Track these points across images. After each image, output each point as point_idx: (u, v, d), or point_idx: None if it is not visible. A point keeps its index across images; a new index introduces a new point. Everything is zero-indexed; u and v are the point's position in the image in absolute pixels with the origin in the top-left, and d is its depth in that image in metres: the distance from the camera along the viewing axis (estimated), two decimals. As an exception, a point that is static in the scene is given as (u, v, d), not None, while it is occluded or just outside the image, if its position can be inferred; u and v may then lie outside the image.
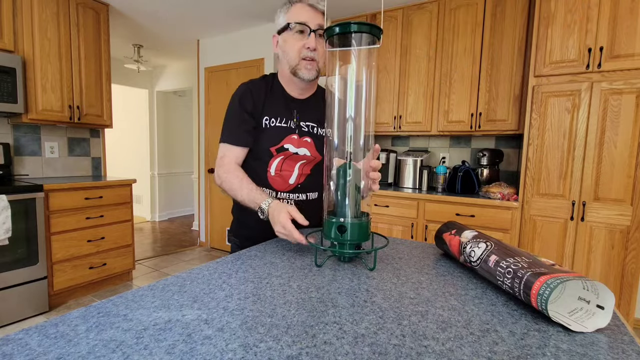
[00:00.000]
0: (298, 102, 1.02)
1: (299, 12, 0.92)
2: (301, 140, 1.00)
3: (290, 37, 0.94)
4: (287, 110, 1.00)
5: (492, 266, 0.61)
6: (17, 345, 0.41)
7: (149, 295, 0.56)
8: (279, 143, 0.99)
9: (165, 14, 3.07)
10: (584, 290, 0.50)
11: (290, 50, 0.94)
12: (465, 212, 2.29)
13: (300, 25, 0.91)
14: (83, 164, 2.97)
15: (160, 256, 3.57)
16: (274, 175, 1.00)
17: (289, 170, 1.00)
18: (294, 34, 0.93)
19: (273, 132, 0.98)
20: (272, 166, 1.00)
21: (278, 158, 0.99)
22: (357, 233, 0.73)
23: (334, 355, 0.41)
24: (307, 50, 0.92)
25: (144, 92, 4.98)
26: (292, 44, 0.94)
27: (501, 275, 0.58)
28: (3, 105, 2.15)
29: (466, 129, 2.53)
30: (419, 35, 2.66)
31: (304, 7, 0.92)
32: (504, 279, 0.58)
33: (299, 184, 1.02)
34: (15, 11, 2.26)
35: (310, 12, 0.92)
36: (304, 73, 0.94)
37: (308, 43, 0.92)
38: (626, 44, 1.85)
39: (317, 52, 0.93)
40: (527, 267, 0.54)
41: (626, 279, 1.91)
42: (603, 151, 1.93)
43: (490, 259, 0.63)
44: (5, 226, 1.94)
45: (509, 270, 0.57)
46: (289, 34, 0.94)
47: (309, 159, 1.02)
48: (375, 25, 0.70)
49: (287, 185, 1.01)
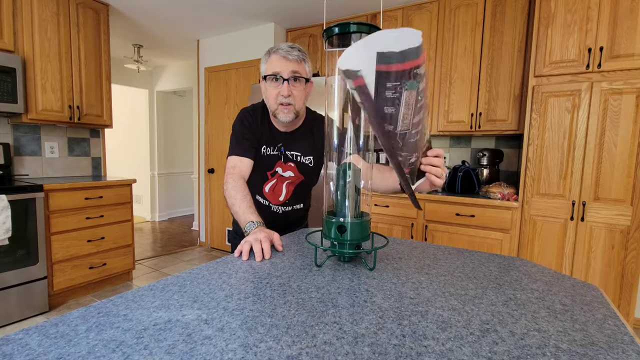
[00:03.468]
0: (284, 135, 1.17)
1: (273, 62, 1.04)
2: (286, 165, 1.18)
3: (269, 86, 1.07)
4: (274, 142, 1.16)
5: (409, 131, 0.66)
6: (17, 345, 0.41)
7: (149, 295, 0.56)
8: (272, 168, 1.17)
9: (165, 14, 3.07)
10: None
11: (269, 97, 1.08)
12: (465, 212, 2.29)
13: (273, 75, 1.04)
14: (83, 164, 2.97)
15: (160, 256, 3.57)
16: (268, 192, 1.20)
17: (280, 190, 1.20)
18: (271, 82, 1.06)
19: (268, 159, 1.16)
20: (267, 186, 1.19)
21: (273, 181, 1.19)
22: (357, 233, 0.73)
23: (334, 355, 0.41)
24: (282, 97, 1.04)
25: (144, 92, 4.98)
26: (270, 91, 1.06)
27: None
28: (3, 105, 2.15)
29: (466, 129, 2.53)
30: (419, 35, 2.66)
31: (278, 58, 1.03)
32: None
33: (287, 199, 1.21)
34: (15, 11, 2.26)
35: (282, 62, 1.03)
36: (282, 116, 1.07)
37: (282, 91, 1.04)
38: (626, 44, 1.85)
39: (292, 97, 1.05)
40: None
41: (626, 279, 1.91)
42: (603, 151, 1.92)
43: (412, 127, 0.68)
44: (5, 226, 1.94)
45: None
46: (267, 83, 1.07)
47: (293, 180, 1.19)
48: (375, 25, 0.70)
49: (279, 200, 1.20)
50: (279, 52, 1.03)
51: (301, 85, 1.06)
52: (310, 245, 0.91)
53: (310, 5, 2.85)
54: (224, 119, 3.66)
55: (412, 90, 0.57)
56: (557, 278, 0.70)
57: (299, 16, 3.08)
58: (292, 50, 1.03)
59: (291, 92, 1.04)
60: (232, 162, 1.12)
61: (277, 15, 3.07)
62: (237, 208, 1.00)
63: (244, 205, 0.99)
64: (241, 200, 1.01)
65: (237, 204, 1.01)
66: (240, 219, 0.98)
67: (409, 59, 0.53)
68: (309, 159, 1.18)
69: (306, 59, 1.07)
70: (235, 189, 1.04)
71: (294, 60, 1.03)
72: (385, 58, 0.53)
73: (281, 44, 1.05)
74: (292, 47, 1.04)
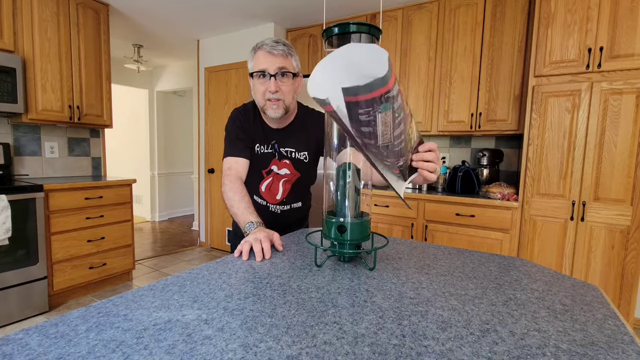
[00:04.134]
0: (276, 132, 1.15)
1: (259, 59, 1.02)
2: (281, 163, 1.16)
3: (256, 83, 1.05)
4: (267, 140, 1.15)
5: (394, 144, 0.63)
6: (17, 345, 0.41)
7: (149, 295, 0.56)
8: (268, 167, 1.16)
9: (165, 14, 3.07)
10: None
11: (257, 94, 1.06)
12: (465, 212, 2.29)
13: (260, 72, 1.02)
14: (83, 164, 2.97)
15: (160, 256, 3.57)
16: (264, 191, 1.18)
17: (276, 189, 1.19)
18: (258, 79, 1.04)
19: (262, 157, 1.15)
20: (263, 185, 1.18)
21: (268, 179, 1.17)
22: (357, 233, 0.73)
23: (334, 355, 0.41)
24: (270, 93, 1.03)
25: (144, 92, 4.98)
26: (258, 88, 1.05)
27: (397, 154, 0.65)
28: (3, 105, 2.15)
29: (466, 129, 2.53)
30: (419, 35, 2.66)
31: (264, 54, 1.01)
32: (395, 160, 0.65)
33: (284, 198, 1.19)
34: (15, 11, 2.26)
35: (268, 58, 1.01)
36: (271, 112, 1.06)
37: (269, 87, 1.02)
38: (626, 44, 1.85)
39: (280, 92, 1.03)
40: None
41: (626, 279, 1.91)
42: (603, 151, 1.92)
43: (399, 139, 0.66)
44: (5, 226, 1.94)
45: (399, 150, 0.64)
46: (254, 80, 1.05)
47: (289, 177, 1.18)
48: (374, 25, 0.70)
49: (276, 199, 1.19)
50: (264, 47, 1.01)
51: (289, 80, 1.04)
52: (310, 245, 0.91)
53: (310, 5, 2.85)
54: (224, 119, 3.66)
55: (387, 111, 0.54)
56: (557, 278, 0.70)
57: (299, 16, 3.08)
58: (277, 45, 1.01)
59: (279, 87, 1.02)
60: (228, 163, 1.11)
61: (277, 15, 3.07)
62: (236, 209, 1.00)
63: (243, 206, 0.99)
64: (239, 201, 1.00)
65: (236, 205, 1.00)
66: (239, 219, 0.97)
67: (376, 89, 0.49)
68: (303, 155, 1.17)
69: (293, 53, 1.05)
70: (232, 190, 1.04)
71: (280, 55, 1.01)
72: (351, 91, 0.49)
73: (266, 40, 1.02)
74: (277, 42, 1.01)
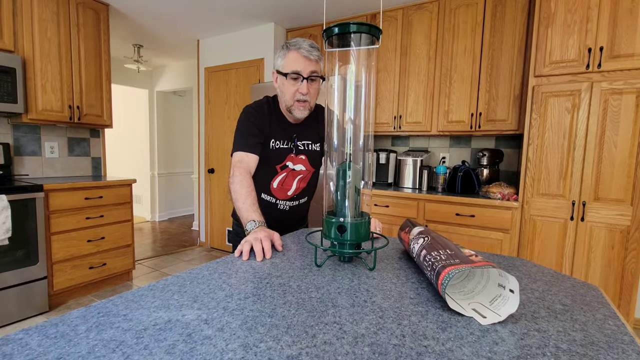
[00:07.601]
0: (296, 126, 1.19)
1: (294, 61, 1.05)
2: (297, 158, 1.19)
3: (287, 82, 1.08)
4: (287, 134, 1.17)
5: (422, 260, 0.64)
6: (17, 345, 0.41)
7: (149, 295, 0.56)
8: (283, 162, 1.17)
9: (165, 14, 3.07)
10: (500, 276, 0.53)
11: (287, 93, 1.10)
12: (465, 212, 2.29)
13: (294, 74, 1.06)
14: (83, 164, 2.97)
15: (160, 256, 3.57)
16: (276, 187, 1.19)
17: (289, 185, 1.20)
18: (290, 79, 1.08)
19: (278, 152, 1.16)
20: (275, 180, 1.18)
21: (282, 174, 1.18)
22: (357, 233, 0.73)
23: (334, 355, 0.41)
24: (300, 95, 1.07)
25: (144, 92, 4.98)
26: (288, 87, 1.09)
27: (426, 268, 0.62)
28: (3, 105, 2.15)
29: (466, 129, 2.53)
30: (419, 35, 2.66)
31: (299, 57, 1.05)
32: (429, 273, 0.60)
33: (295, 194, 1.22)
34: (15, 11, 2.26)
35: (304, 62, 1.05)
36: (297, 113, 1.11)
37: (301, 89, 1.07)
38: (626, 44, 1.85)
39: (308, 94, 1.08)
40: (444, 260, 0.57)
41: (626, 279, 1.91)
42: (603, 151, 1.92)
43: (421, 254, 0.65)
44: (5, 226, 1.94)
45: (430, 264, 0.60)
46: (286, 80, 1.08)
47: (305, 174, 1.21)
48: (374, 25, 0.70)
49: (286, 195, 1.21)
50: (300, 50, 1.04)
51: (317, 84, 1.10)
52: (310, 245, 0.91)
53: (310, 6, 2.85)
54: (224, 119, 3.66)
55: None
56: (557, 278, 0.70)
57: (299, 16, 3.08)
58: (313, 50, 1.05)
59: (309, 90, 1.07)
60: (239, 156, 1.12)
61: (277, 15, 3.07)
62: (241, 204, 1.00)
63: (248, 202, 1.00)
64: (246, 197, 1.01)
65: (242, 200, 1.01)
66: (242, 215, 0.98)
67: None
68: (317, 146, 1.22)
69: (322, 58, 1.10)
70: (241, 183, 1.04)
71: (314, 61, 1.06)
72: None
73: (300, 41, 1.06)
74: (313, 47, 1.05)
